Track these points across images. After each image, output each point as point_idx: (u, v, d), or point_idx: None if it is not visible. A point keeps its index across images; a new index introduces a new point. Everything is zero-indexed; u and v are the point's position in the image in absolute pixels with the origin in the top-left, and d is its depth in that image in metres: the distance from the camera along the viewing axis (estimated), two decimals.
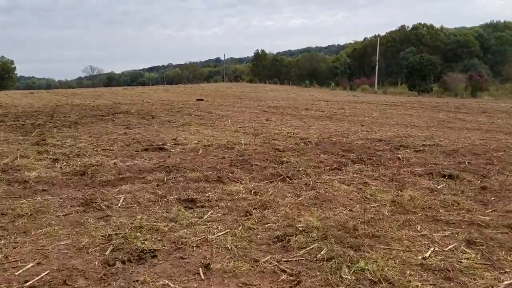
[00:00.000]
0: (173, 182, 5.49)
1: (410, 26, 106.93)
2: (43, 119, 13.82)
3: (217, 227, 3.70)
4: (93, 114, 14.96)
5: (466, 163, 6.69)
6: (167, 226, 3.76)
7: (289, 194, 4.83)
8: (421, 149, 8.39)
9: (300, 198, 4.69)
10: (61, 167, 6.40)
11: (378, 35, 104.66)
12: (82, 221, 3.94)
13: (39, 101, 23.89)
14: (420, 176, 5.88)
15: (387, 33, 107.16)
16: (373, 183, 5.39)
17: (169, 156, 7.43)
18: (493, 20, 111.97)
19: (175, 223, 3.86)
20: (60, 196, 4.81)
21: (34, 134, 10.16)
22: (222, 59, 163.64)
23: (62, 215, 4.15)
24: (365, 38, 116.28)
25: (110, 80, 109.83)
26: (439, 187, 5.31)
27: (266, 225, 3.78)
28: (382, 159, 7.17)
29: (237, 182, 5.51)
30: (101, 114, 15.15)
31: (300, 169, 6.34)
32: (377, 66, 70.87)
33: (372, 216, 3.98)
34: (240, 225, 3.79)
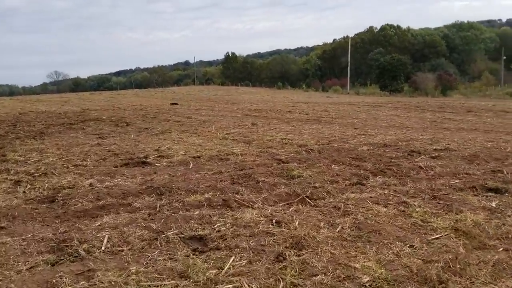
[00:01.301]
0: (168, 210, 4.37)
1: (378, 28, 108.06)
2: (4, 129, 12.34)
3: (249, 286, 2.63)
4: (60, 122, 13.55)
5: (505, 172, 5.83)
6: (177, 287, 2.66)
7: (322, 223, 3.80)
8: (436, 154, 7.53)
9: (338, 229, 3.67)
10: (24, 192, 5.17)
11: (347, 36, 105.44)
12: (54, 281, 2.79)
13: (1, 109, 22.08)
14: (461, 190, 4.96)
15: (355, 34, 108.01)
16: (413, 203, 4.43)
17: (155, 172, 6.29)
18: (458, 21, 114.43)
19: (187, 280, 2.76)
20: (23, 237, 3.63)
21: None
22: (191, 62, 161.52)
23: (26, 269, 2.99)
24: (334, 40, 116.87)
25: (76, 85, 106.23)
26: (493, 205, 4.40)
27: (315, 278, 2.74)
28: (403, 169, 6.24)
29: (249, 207, 4.44)
30: (70, 122, 13.75)
31: (317, 185, 5.32)
32: (349, 67, 70.94)
33: (449, 256, 3.01)
34: (278, 279, 2.73)
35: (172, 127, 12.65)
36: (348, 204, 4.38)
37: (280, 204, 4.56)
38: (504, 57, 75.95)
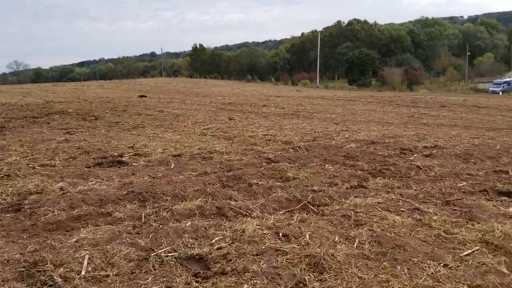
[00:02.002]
0: (155, 220, 3.82)
1: (346, 22, 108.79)
2: None
3: None
4: (22, 116, 12.59)
5: (510, 173, 5.55)
6: None
7: (336, 237, 3.34)
8: (428, 153, 7.24)
9: (356, 244, 3.22)
10: None
11: (315, 30, 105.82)
12: None
13: None
14: (472, 194, 4.63)
15: (324, 28, 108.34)
16: (427, 210, 4.05)
17: (133, 174, 5.68)
18: (423, 16, 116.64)
19: None
20: None
21: None
22: (158, 53, 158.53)
23: None
24: (302, 34, 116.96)
25: (38, 76, 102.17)
26: (510, 210, 4.07)
27: None
28: (401, 169, 5.89)
29: (247, 215, 3.94)
30: (33, 115, 12.79)
31: (315, 188, 4.87)
32: (318, 61, 71.09)
33: (496, 279, 2.61)
34: None
35: (144, 121, 11.94)
36: (358, 212, 3.95)
37: (281, 212, 4.08)
38: (469, 53, 77.91)
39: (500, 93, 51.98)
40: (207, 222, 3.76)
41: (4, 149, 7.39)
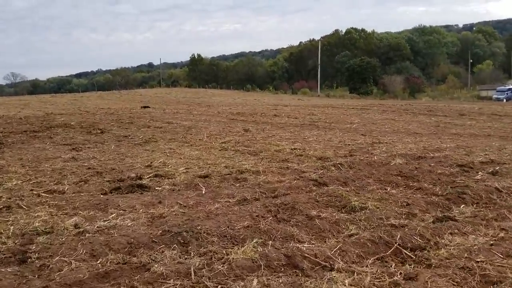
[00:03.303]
0: (210, 278, 2.83)
1: (344, 31, 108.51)
2: None
3: None
4: (22, 130, 11.59)
5: None
6: None
7: None
8: (492, 170, 6.29)
9: None
10: None
11: (313, 39, 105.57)
12: None
13: None
14: None
15: (322, 37, 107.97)
16: None
17: (160, 202, 4.70)
18: (421, 25, 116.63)
19: None
20: None
21: None
22: (155, 64, 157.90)
23: None
24: (301, 43, 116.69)
25: (35, 88, 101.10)
26: None
27: None
28: (479, 192, 4.94)
29: (328, 267, 2.97)
30: (33, 129, 11.80)
31: (393, 221, 3.91)
32: (319, 70, 70.52)
33: None
34: None
35: (155, 134, 10.97)
36: (477, 261, 2.97)
37: (370, 261, 3.11)
38: (471, 61, 77.52)
39: (504, 100, 51.27)
40: (280, 280, 2.78)
41: (3, 171, 6.40)
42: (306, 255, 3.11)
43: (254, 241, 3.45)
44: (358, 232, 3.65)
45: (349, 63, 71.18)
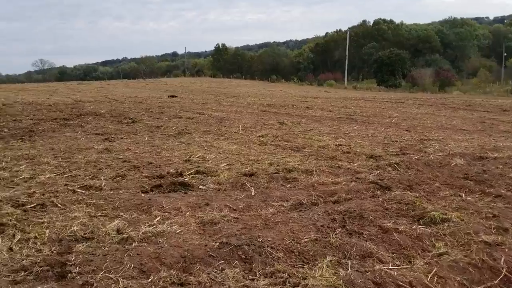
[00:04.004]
0: None
1: (371, 22, 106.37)
2: None
3: None
4: (52, 117, 11.31)
5: None
6: None
7: None
8: None
9: None
10: (10, 250, 3.06)
11: (340, 30, 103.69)
12: None
13: None
14: None
15: (349, 28, 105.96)
16: None
17: (207, 204, 4.22)
18: (451, 16, 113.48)
19: None
20: None
21: None
22: (179, 53, 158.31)
23: None
24: (327, 33, 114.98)
25: (62, 74, 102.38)
26: None
27: None
28: None
29: None
30: (64, 116, 11.51)
31: (485, 237, 3.34)
32: (346, 61, 69.23)
33: None
34: None
35: (188, 125, 10.53)
36: None
37: None
38: (505, 54, 74.83)
39: None
40: None
41: (34, 162, 6.03)
42: (400, 283, 2.57)
43: (328, 259, 2.92)
44: (448, 251, 3.09)
45: (378, 54, 69.49)
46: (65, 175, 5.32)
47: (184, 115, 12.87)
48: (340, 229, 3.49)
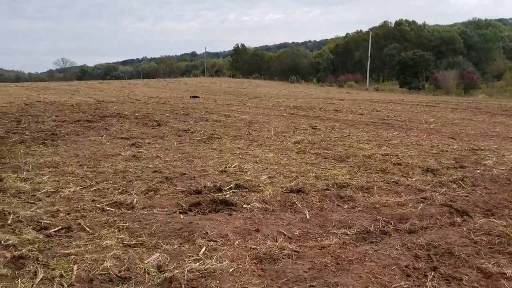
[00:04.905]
0: None
1: (393, 23, 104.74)
2: (6, 126, 9.68)
3: None
4: (75, 118, 10.86)
5: None
6: None
7: None
8: None
9: None
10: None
11: (360, 30, 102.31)
12: None
13: (4, 97, 19.42)
14: None
15: (369, 29, 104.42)
16: None
17: (257, 230, 3.61)
18: (475, 18, 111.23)
19: None
20: None
21: None
22: (198, 53, 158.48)
23: None
24: (347, 34, 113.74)
25: (83, 73, 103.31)
26: None
27: None
28: None
29: None
30: (87, 118, 11.05)
31: None
32: (369, 62, 68.04)
33: None
34: None
35: (216, 129, 9.95)
36: None
37: None
38: None
39: None
40: None
41: (58, 171, 5.49)
42: None
43: None
44: None
45: (400, 56, 68.08)
46: (92, 189, 4.76)
47: (211, 118, 12.30)
48: (432, 273, 2.82)
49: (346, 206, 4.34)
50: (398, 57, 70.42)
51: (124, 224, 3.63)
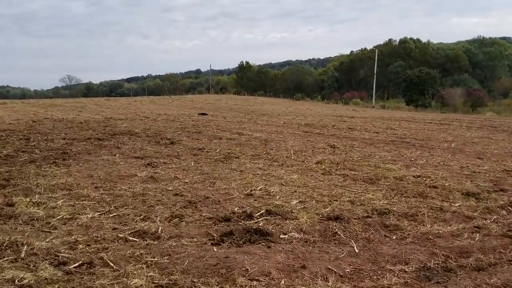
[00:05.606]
0: None
1: (397, 41, 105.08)
2: (14, 144, 9.32)
3: None
4: (85, 136, 10.51)
5: None
6: None
7: None
8: None
9: None
10: None
11: (365, 48, 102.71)
12: None
13: (12, 114, 19.19)
14: None
15: (374, 46, 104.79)
16: None
17: (303, 266, 3.18)
18: (480, 36, 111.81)
19: None
20: None
21: None
22: (203, 70, 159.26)
23: None
24: (351, 52, 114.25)
25: (88, 90, 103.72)
26: None
27: None
28: None
29: None
30: (97, 136, 10.70)
31: None
32: (375, 80, 67.95)
33: None
34: None
35: (232, 148, 9.56)
36: None
37: None
38: None
39: None
40: None
41: (72, 194, 5.09)
42: None
43: None
44: None
45: (407, 73, 67.95)
46: (111, 214, 4.35)
47: (224, 136, 11.93)
48: None
49: (394, 237, 3.90)
50: (404, 74, 70.34)
51: (152, 259, 3.21)
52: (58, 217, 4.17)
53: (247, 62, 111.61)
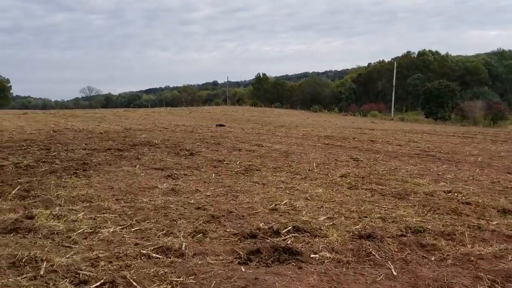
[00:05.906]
0: None
1: (416, 53, 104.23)
2: (35, 154, 9.30)
3: None
4: (105, 147, 10.45)
5: None
6: None
7: None
8: None
9: None
10: None
11: (383, 60, 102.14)
12: None
13: (33, 124, 19.39)
14: None
15: (392, 59, 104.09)
16: None
17: None
18: (500, 48, 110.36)
19: None
20: None
21: (14, 192, 5.63)
22: (220, 82, 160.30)
23: None
24: (369, 64, 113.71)
25: (108, 102, 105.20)
26: None
27: None
28: None
29: None
30: (117, 146, 10.63)
31: None
32: (393, 92, 67.28)
33: None
34: None
35: (252, 160, 9.38)
36: None
37: None
38: None
39: None
40: None
41: (93, 207, 4.96)
42: None
43: None
44: None
45: (425, 86, 67.19)
46: (132, 229, 4.19)
47: (243, 147, 11.76)
48: None
49: (433, 258, 3.65)
50: (422, 87, 69.62)
51: (177, 279, 3.02)
52: (79, 231, 4.03)
53: (264, 74, 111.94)
